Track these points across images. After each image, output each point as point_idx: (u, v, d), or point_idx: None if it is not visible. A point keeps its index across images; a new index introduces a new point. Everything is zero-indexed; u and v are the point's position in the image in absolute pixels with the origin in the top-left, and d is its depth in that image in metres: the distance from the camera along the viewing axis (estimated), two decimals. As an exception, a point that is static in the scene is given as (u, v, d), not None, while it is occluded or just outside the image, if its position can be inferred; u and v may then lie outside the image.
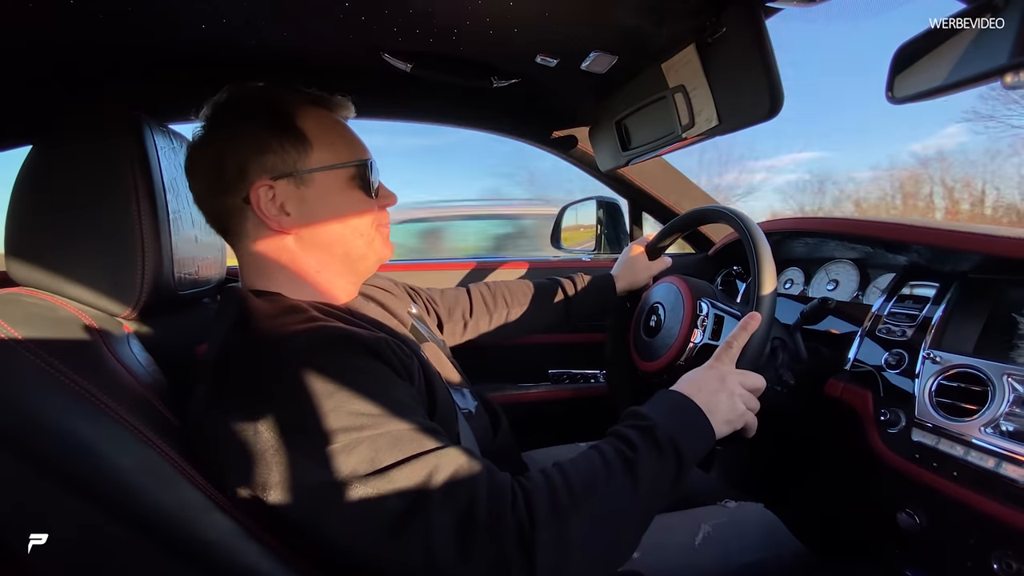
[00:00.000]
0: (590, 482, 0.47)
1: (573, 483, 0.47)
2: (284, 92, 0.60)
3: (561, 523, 0.44)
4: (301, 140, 0.57)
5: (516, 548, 0.42)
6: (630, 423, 0.54)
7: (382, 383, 0.49)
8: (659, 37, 0.74)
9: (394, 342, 0.54)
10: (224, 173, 0.56)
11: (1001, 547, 0.57)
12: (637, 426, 0.53)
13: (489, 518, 0.43)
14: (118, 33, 0.63)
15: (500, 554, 0.42)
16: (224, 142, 0.56)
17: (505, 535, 0.42)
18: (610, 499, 0.47)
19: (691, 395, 0.58)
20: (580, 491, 0.46)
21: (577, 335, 1.29)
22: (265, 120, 0.57)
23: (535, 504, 0.44)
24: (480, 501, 0.43)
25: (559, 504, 0.45)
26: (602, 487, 0.47)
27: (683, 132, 0.80)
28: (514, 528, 0.43)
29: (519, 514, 0.44)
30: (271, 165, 0.56)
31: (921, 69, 0.52)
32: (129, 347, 0.56)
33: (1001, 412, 0.58)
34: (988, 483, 0.58)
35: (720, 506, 0.80)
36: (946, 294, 0.74)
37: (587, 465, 0.49)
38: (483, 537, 0.42)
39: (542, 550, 0.42)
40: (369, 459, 0.44)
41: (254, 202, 0.56)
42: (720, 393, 0.59)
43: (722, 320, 0.76)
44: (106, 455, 0.46)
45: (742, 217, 0.75)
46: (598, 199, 1.38)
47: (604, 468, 0.49)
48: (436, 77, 0.83)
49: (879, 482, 0.73)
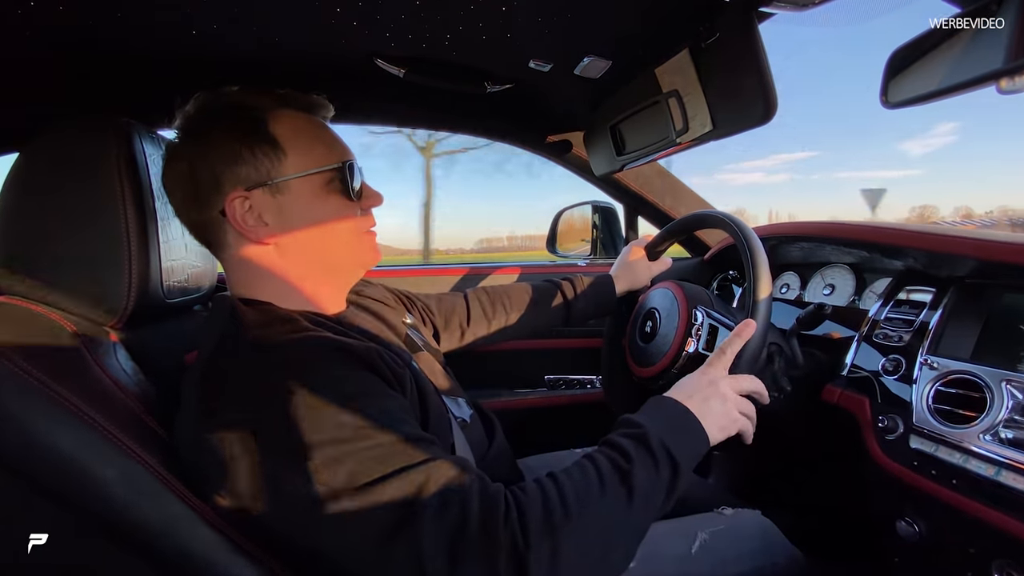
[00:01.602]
0: (584, 495, 0.46)
1: (567, 496, 0.46)
2: (255, 96, 0.58)
3: (555, 538, 0.43)
4: (274, 147, 0.55)
5: (509, 565, 0.41)
6: (623, 431, 0.53)
7: (372, 395, 0.48)
8: (653, 42, 0.74)
9: (386, 352, 0.54)
10: (198, 187, 0.55)
11: (1002, 556, 0.57)
12: (630, 434, 0.52)
13: (481, 534, 0.42)
14: (107, 38, 0.63)
15: (493, 571, 0.41)
16: (195, 155, 0.55)
17: (497, 552, 0.41)
18: (605, 511, 0.46)
19: (684, 401, 0.57)
20: (574, 504, 0.45)
21: (573, 340, 1.29)
22: (236, 129, 0.55)
23: (529, 519, 0.43)
24: (472, 516, 0.42)
25: (553, 519, 0.44)
26: (596, 499, 0.46)
27: (677, 137, 0.80)
28: (507, 545, 0.41)
29: (512, 530, 0.42)
30: (245, 176, 0.54)
31: (915, 74, 0.52)
32: (115, 356, 0.55)
33: (1000, 419, 0.58)
34: (988, 491, 0.57)
35: (716, 513, 0.79)
36: (943, 299, 0.73)
37: (581, 476, 0.48)
38: (474, 553, 0.41)
39: (535, 567, 0.41)
40: (357, 472, 0.43)
41: (230, 214, 0.54)
42: (713, 399, 0.58)
43: (716, 331, 0.76)
44: (89, 467, 0.45)
45: (737, 222, 0.75)
46: (593, 204, 1.38)
47: (598, 480, 0.48)
48: (429, 82, 0.82)
49: (877, 489, 0.72)
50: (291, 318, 0.53)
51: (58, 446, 0.44)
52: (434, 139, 10.22)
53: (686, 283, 0.85)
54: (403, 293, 0.87)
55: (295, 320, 0.53)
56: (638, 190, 1.27)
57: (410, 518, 0.42)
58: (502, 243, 24.52)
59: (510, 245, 23.75)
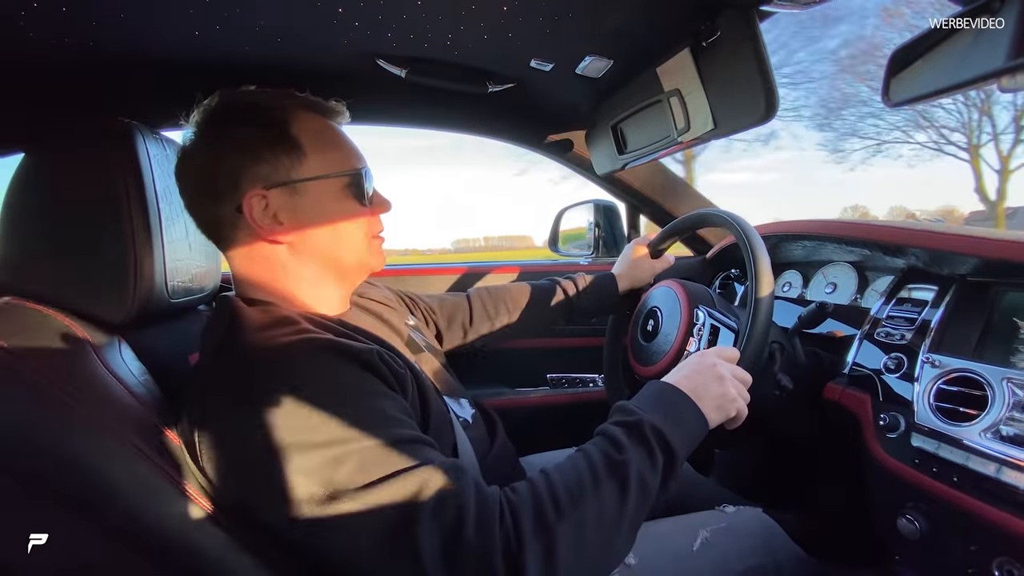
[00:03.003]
0: (577, 490, 0.46)
1: (559, 494, 0.46)
2: (277, 97, 0.59)
3: (548, 537, 0.43)
4: (295, 148, 0.56)
5: (505, 566, 0.42)
6: (617, 419, 0.54)
7: (372, 395, 0.48)
8: (654, 41, 0.74)
9: (387, 354, 0.54)
10: (216, 182, 0.55)
11: (1003, 554, 0.57)
12: (624, 423, 0.52)
13: (477, 536, 0.42)
14: (111, 40, 0.63)
15: (491, 572, 0.41)
16: (216, 150, 0.55)
17: (493, 554, 0.42)
18: (598, 506, 0.46)
19: (679, 383, 0.57)
20: (566, 501, 0.45)
21: (576, 339, 1.29)
22: (258, 128, 0.55)
23: (521, 519, 0.44)
24: (468, 519, 0.43)
25: (545, 518, 0.44)
26: (589, 494, 0.46)
27: (679, 136, 0.80)
28: (501, 546, 0.42)
29: (506, 531, 0.43)
30: (264, 174, 0.55)
31: (917, 72, 0.52)
32: (121, 356, 0.55)
33: (1001, 417, 0.58)
34: (989, 489, 0.57)
35: (718, 511, 0.79)
36: (945, 297, 0.73)
37: (573, 471, 0.48)
38: (471, 555, 0.42)
39: (531, 565, 0.42)
40: (356, 472, 0.43)
41: (247, 211, 0.55)
42: (710, 380, 0.58)
43: (717, 331, 0.76)
44: (96, 467, 0.45)
45: (739, 221, 0.75)
46: (595, 203, 1.38)
47: (591, 474, 0.48)
48: (431, 83, 0.83)
49: (879, 487, 0.72)
50: (293, 319, 0.54)
51: (65, 447, 0.44)
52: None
53: (688, 282, 0.85)
54: (406, 294, 0.88)
55: (296, 321, 0.54)
56: (640, 189, 1.27)
57: (408, 521, 0.42)
58: (479, 243, 24.58)
59: (487, 245, 23.83)
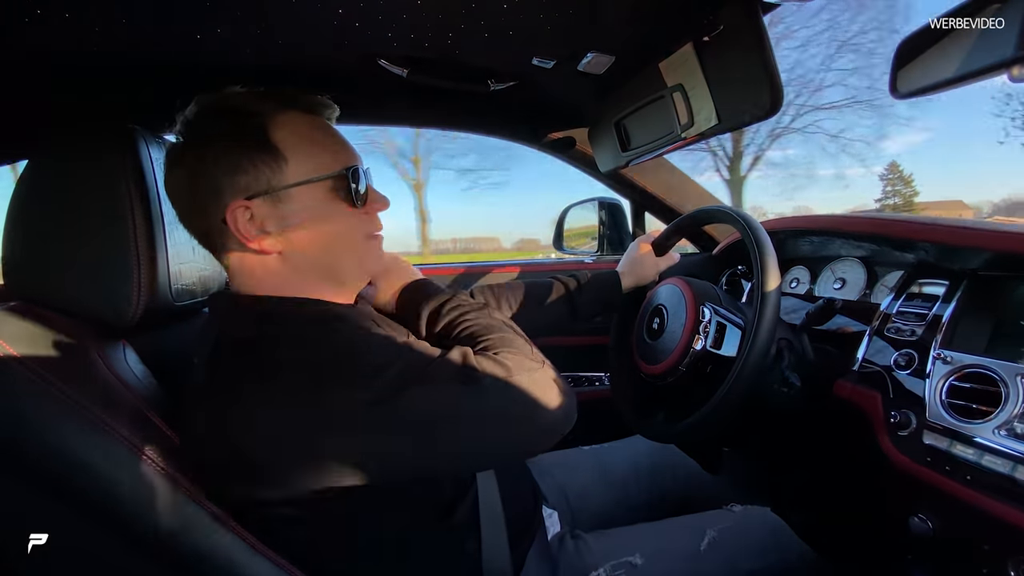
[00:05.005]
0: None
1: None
2: (256, 100, 0.56)
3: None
4: (274, 155, 0.53)
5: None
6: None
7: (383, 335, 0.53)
8: (656, 36, 0.73)
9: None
10: (198, 196, 0.54)
11: (1018, 553, 0.56)
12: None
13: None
14: (113, 44, 0.63)
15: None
16: (194, 164, 0.54)
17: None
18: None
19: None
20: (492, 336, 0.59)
21: (581, 338, 1.28)
22: (235, 137, 0.53)
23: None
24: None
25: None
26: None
27: (682, 131, 0.79)
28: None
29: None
30: (244, 185, 0.53)
31: (925, 63, 0.51)
32: (125, 360, 0.56)
33: (1015, 413, 0.57)
34: (1003, 487, 0.56)
35: (726, 510, 0.79)
36: (956, 292, 0.72)
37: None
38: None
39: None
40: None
41: (231, 223, 0.53)
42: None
43: (724, 328, 0.75)
44: (102, 470, 0.45)
45: (745, 217, 0.74)
46: (600, 200, 1.37)
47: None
48: (432, 82, 0.82)
49: (890, 486, 0.71)
50: (288, 306, 0.55)
51: (71, 449, 0.45)
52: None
53: (694, 279, 0.84)
54: None
55: (292, 309, 0.55)
56: (644, 186, 1.26)
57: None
58: (446, 246, 24.60)
59: (454, 247, 23.90)
